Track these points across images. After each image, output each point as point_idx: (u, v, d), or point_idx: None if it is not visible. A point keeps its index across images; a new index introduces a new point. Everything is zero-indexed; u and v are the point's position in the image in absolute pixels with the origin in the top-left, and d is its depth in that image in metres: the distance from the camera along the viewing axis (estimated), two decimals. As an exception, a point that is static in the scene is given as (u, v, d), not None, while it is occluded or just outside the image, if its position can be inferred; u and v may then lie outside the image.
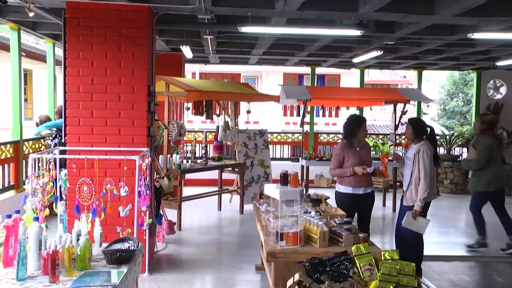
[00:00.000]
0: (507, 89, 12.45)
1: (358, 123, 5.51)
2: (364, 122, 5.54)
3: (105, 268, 3.12)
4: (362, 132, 5.50)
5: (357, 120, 5.56)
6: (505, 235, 6.91)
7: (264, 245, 3.99)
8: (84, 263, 3.06)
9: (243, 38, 8.40)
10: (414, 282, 2.63)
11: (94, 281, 2.84)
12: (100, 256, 3.32)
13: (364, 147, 5.52)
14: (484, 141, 6.62)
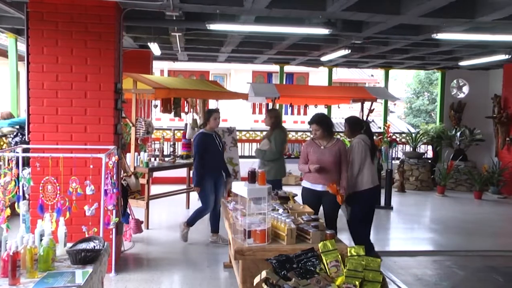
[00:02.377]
0: (470, 89, 12.77)
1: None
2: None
3: (69, 268, 3.07)
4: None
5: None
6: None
7: (231, 243, 3.99)
8: (47, 264, 2.99)
9: (211, 36, 8.37)
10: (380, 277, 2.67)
11: (57, 282, 2.79)
12: (64, 256, 3.26)
13: (331, 146, 5.44)
14: (279, 134, 7.10)
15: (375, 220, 8.71)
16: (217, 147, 6.62)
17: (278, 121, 7.30)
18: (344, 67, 13.65)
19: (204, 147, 6.50)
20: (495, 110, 11.77)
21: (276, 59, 11.38)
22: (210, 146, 6.52)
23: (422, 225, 8.70)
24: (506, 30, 6.91)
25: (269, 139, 7.10)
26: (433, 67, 12.62)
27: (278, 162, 7.11)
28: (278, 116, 7.43)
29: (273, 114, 7.36)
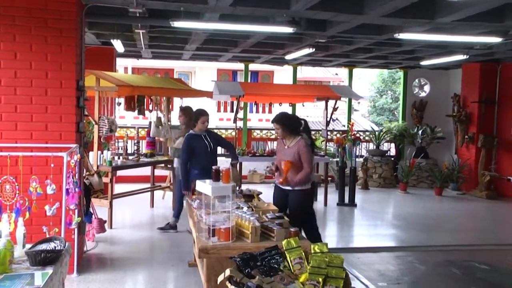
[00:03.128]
0: (431, 88, 13.07)
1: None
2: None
3: (28, 270, 2.98)
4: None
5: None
6: None
7: (196, 242, 3.97)
8: (4, 266, 2.90)
9: (176, 33, 8.30)
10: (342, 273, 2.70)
11: (15, 285, 2.71)
12: (23, 258, 3.17)
13: (293, 146, 5.34)
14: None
15: (339, 217, 8.89)
16: (205, 147, 6.36)
17: (191, 119, 7.00)
18: (309, 65, 13.77)
19: (189, 149, 6.32)
20: (455, 109, 12.08)
21: (241, 57, 11.38)
22: (196, 148, 6.32)
23: (385, 221, 8.86)
24: (464, 31, 7.11)
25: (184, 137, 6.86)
26: (396, 66, 12.86)
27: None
28: (192, 113, 7.17)
29: (187, 112, 7.19)
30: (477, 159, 11.41)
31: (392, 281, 5.50)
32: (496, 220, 9.15)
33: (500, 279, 5.70)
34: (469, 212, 9.80)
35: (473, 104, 11.57)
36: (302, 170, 5.22)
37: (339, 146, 9.94)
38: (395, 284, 5.41)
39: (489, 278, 5.73)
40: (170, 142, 9.05)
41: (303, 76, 23.14)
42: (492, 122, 11.52)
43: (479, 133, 11.38)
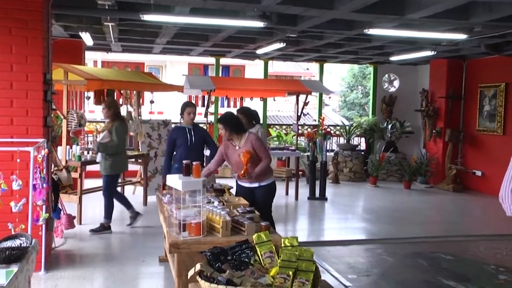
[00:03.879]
0: (400, 83, 13.27)
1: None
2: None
3: (-8, 268, 2.91)
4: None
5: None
6: None
7: (166, 237, 3.95)
8: (-33, 264, 2.84)
9: (146, 27, 8.21)
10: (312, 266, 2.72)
11: (-22, 283, 2.65)
12: (-13, 255, 3.10)
13: (245, 144, 5.20)
14: (120, 126, 6.86)
15: (310, 211, 8.95)
16: (185, 141, 6.25)
17: (118, 112, 7.01)
18: (280, 60, 13.79)
19: (171, 142, 6.29)
20: (423, 104, 12.30)
21: (212, 51, 11.33)
22: (177, 140, 6.25)
23: (355, 215, 8.98)
24: (432, 28, 7.23)
25: (109, 131, 6.81)
26: (366, 61, 13.01)
27: (119, 156, 6.92)
28: (118, 106, 7.14)
29: (112, 105, 7.00)
30: (444, 153, 11.65)
31: (362, 273, 5.59)
32: (461, 212, 9.38)
33: (464, 269, 5.86)
34: (436, 205, 10.01)
35: (441, 99, 11.80)
36: (262, 162, 5.13)
37: (310, 140, 10.01)
38: (365, 276, 5.50)
39: (454, 268, 5.88)
40: (140, 137, 8.97)
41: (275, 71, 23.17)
42: (459, 117, 11.79)
43: (446, 128, 11.62)
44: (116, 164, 6.85)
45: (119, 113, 7.08)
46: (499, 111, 10.50)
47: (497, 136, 10.52)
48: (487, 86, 10.93)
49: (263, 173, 5.21)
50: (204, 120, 10.37)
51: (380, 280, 5.45)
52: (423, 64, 12.55)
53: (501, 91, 10.45)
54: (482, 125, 11.07)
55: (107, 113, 6.88)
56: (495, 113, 10.63)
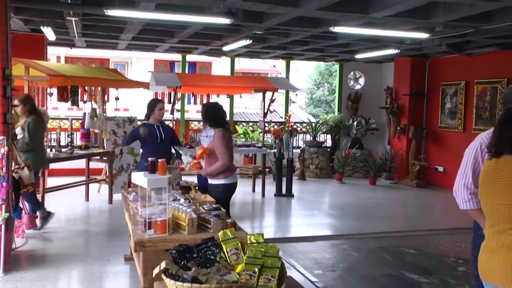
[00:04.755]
0: (365, 80, 13.46)
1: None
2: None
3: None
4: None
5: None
6: None
7: (132, 235, 3.90)
8: None
9: (111, 22, 8.07)
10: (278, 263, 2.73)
11: None
12: None
13: (212, 136, 5.34)
14: (34, 122, 6.62)
15: (277, 207, 9.00)
16: (155, 137, 6.20)
17: (33, 108, 6.75)
18: (247, 57, 13.80)
19: (134, 135, 6.27)
20: (388, 101, 12.52)
21: (178, 48, 11.24)
22: (148, 137, 6.18)
23: (322, 211, 9.08)
24: (395, 27, 7.36)
25: (22, 127, 6.56)
26: (332, 59, 13.13)
27: (34, 153, 6.57)
28: (33, 102, 6.87)
29: (27, 100, 6.70)
30: (408, 149, 11.89)
31: (328, 269, 5.65)
32: (424, 207, 9.59)
33: (427, 262, 6.00)
34: (400, 200, 10.21)
35: (405, 97, 12.03)
36: (217, 162, 5.11)
37: (276, 137, 10.06)
38: (330, 272, 5.57)
39: (417, 261, 6.01)
40: (105, 134, 8.83)
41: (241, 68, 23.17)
42: (422, 114, 12.04)
43: (410, 125, 11.86)
44: (31, 161, 6.43)
45: (35, 109, 6.75)
46: (460, 108, 10.78)
47: (458, 133, 10.80)
48: (448, 84, 11.20)
49: (215, 174, 5.17)
50: (171, 117, 10.28)
51: (346, 275, 5.53)
52: (388, 62, 12.76)
53: (462, 89, 10.72)
54: (444, 122, 11.35)
55: (22, 110, 6.59)
56: (456, 110, 10.91)
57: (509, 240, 2.51)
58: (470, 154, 3.20)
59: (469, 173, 3.15)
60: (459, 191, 3.19)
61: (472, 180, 3.12)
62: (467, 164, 3.19)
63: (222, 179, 5.20)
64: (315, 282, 5.16)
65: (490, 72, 9.97)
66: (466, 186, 3.14)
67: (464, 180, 3.16)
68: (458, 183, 3.20)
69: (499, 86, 9.65)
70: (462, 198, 3.17)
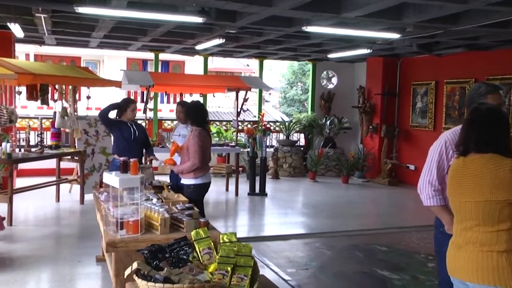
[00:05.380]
0: (338, 80, 13.57)
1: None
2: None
3: None
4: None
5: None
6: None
7: (103, 235, 3.86)
8: None
9: (81, 19, 7.93)
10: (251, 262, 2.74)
11: None
12: None
13: (188, 135, 5.36)
14: None
15: (250, 207, 9.01)
16: (129, 134, 6.22)
17: None
18: (220, 56, 13.76)
19: (112, 120, 6.29)
20: (360, 100, 12.66)
21: (151, 46, 11.13)
22: (123, 132, 6.20)
23: (295, 209, 9.12)
24: (367, 27, 7.44)
25: None
26: (305, 58, 13.19)
27: None
28: None
29: None
30: (380, 148, 12.04)
31: (301, 267, 5.69)
32: (396, 205, 9.74)
33: (398, 259, 6.10)
34: (372, 199, 10.34)
35: (377, 96, 12.18)
36: (188, 161, 5.11)
37: (249, 136, 10.07)
38: (303, 270, 5.60)
39: (388, 258, 6.11)
40: (77, 133, 8.69)
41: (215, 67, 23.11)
42: (393, 113, 12.22)
43: (382, 124, 12.02)
44: None
45: None
46: (430, 108, 10.97)
47: (428, 132, 10.99)
48: (419, 84, 11.39)
49: (185, 172, 5.17)
50: (143, 116, 10.18)
51: (319, 273, 5.57)
52: (360, 61, 12.90)
53: (432, 88, 10.92)
54: (415, 121, 11.53)
55: None
56: (427, 109, 11.10)
57: (476, 237, 2.57)
58: (435, 151, 3.27)
59: (434, 170, 3.21)
60: (423, 187, 3.25)
61: (436, 177, 3.18)
62: (432, 161, 3.25)
63: (193, 179, 5.19)
64: (288, 281, 5.19)
65: (458, 73, 10.18)
66: (431, 183, 3.20)
67: (428, 177, 3.22)
68: (422, 180, 3.26)
69: (467, 86, 9.85)
70: (426, 195, 3.23)
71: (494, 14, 6.39)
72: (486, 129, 2.59)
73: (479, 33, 7.91)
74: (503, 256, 2.48)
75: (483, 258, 2.51)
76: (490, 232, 2.52)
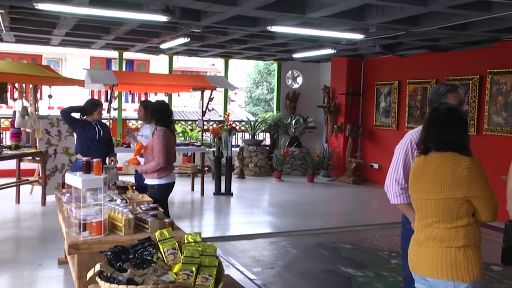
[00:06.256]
0: (303, 80, 13.68)
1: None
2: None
3: None
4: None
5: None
6: None
7: (66, 237, 3.78)
8: None
9: (42, 16, 7.74)
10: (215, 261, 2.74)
11: None
12: None
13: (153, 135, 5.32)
14: None
15: (216, 206, 8.99)
16: (93, 134, 6.14)
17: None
18: (185, 55, 13.66)
19: (74, 119, 6.19)
20: (325, 100, 12.78)
21: (115, 45, 10.97)
22: (87, 132, 6.11)
23: (261, 209, 9.15)
24: (332, 27, 7.52)
25: None
26: (270, 58, 13.24)
27: None
28: None
29: None
30: (345, 147, 12.20)
31: (266, 266, 5.71)
32: (360, 204, 9.89)
33: (362, 257, 6.19)
34: (337, 197, 10.47)
35: (341, 96, 12.33)
36: (152, 161, 5.06)
37: (215, 136, 10.04)
38: (269, 269, 5.63)
39: (353, 256, 6.19)
40: (38, 133, 8.49)
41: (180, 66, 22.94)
42: (358, 113, 12.39)
43: (346, 123, 12.18)
44: None
45: None
46: (393, 107, 11.18)
47: (391, 131, 11.20)
48: (382, 84, 11.59)
49: (149, 172, 5.11)
50: (107, 116, 10.02)
51: (284, 271, 5.61)
52: (325, 61, 13.03)
53: (395, 88, 11.13)
54: (379, 120, 11.73)
55: None
56: (390, 109, 11.31)
57: (436, 233, 2.64)
58: (401, 150, 3.33)
59: (400, 169, 3.27)
60: (390, 186, 3.31)
61: (403, 175, 3.24)
62: (398, 160, 3.32)
63: (156, 179, 5.13)
64: (254, 280, 5.20)
65: (420, 73, 10.40)
66: (397, 182, 3.27)
67: (395, 175, 3.29)
68: (389, 178, 3.32)
69: (428, 86, 10.08)
70: (393, 193, 3.29)
71: (453, 16, 6.57)
72: (445, 128, 2.66)
73: (439, 35, 8.11)
74: (461, 251, 2.56)
75: (442, 253, 2.59)
76: (449, 229, 2.59)
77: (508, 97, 8.25)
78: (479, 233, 2.66)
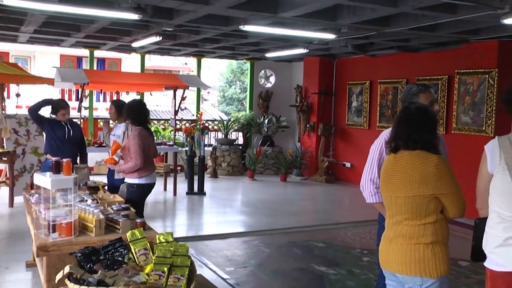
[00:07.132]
0: (276, 79, 13.72)
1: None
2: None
3: None
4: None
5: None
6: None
7: (34, 239, 3.71)
8: None
9: (8, 12, 7.55)
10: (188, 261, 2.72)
11: None
12: None
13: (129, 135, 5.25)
14: None
15: (189, 206, 8.95)
16: (63, 134, 6.04)
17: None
18: (157, 54, 13.55)
19: (43, 118, 6.08)
20: (298, 99, 12.85)
21: (85, 43, 10.79)
22: (56, 130, 6.00)
23: (234, 208, 9.15)
24: (304, 27, 7.57)
25: None
26: (243, 57, 13.24)
27: None
28: None
29: None
30: (317, 146, 12.28)
31: (239, 265, 5.71)
32: (332, 202, 9.97)
33: (334, 254, 6.25)
34: (310, 196, 10.54)
35: (314, 95, 12.41)
36: (129, 161, 5.00)
37: (188, 135, 9.99)
38: (242, 268, 5.63)
39: (325, 254, 6.25)
40: (5, 133, 8.29)
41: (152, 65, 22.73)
42: (330, 112, 12.50)
43: (319, 122, 12.27)
44: None
45: None
46: (365, 106, 11.31)
47: (363, 130, 11.33)
48: (354, 84, 11.71)
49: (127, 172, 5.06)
50: (78, 115, 9.86)
51: (257, 270, 5.62)
52: (297, 61, 13.10)
53: (366, 88, 11.26)
54: (351, 119, 11.85)
55: None
56: (362, 108, 11.44)
57: (405, 230, 2.69)
58: (376, 150, 3.38)
59: (375, 168, 3.32)
60: (365, 185, 3.35)
61: (377, 174, 3.28)
62: (373, 159, 3.36)
63: (136, 179, 5.08)
64: (227, 279, 5.20)
65: (391, 73, 10.55)
66: (372, 181, 3.31)
67: (370, 175, 3.33)
68: (364, 178, 3.36)
69: (399, 86, 10.23)
70: (368, 192, 3.33)
71: (422, 18, 6.69)
72: (414, 127, 2.70)
73: (410, 36, 8.24)
74: (429, 248, 2.61)
75: (411, 250, 2.63)
76: (418, 226, 2.64)
77: (475, 97, 8.44)
78: (447, 230, 2.72)
